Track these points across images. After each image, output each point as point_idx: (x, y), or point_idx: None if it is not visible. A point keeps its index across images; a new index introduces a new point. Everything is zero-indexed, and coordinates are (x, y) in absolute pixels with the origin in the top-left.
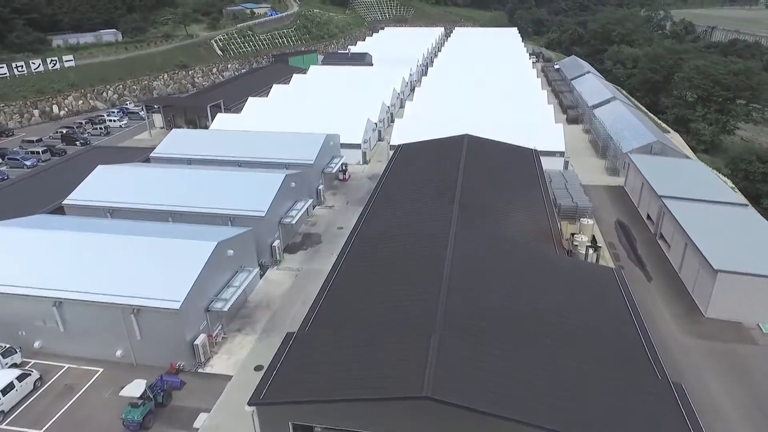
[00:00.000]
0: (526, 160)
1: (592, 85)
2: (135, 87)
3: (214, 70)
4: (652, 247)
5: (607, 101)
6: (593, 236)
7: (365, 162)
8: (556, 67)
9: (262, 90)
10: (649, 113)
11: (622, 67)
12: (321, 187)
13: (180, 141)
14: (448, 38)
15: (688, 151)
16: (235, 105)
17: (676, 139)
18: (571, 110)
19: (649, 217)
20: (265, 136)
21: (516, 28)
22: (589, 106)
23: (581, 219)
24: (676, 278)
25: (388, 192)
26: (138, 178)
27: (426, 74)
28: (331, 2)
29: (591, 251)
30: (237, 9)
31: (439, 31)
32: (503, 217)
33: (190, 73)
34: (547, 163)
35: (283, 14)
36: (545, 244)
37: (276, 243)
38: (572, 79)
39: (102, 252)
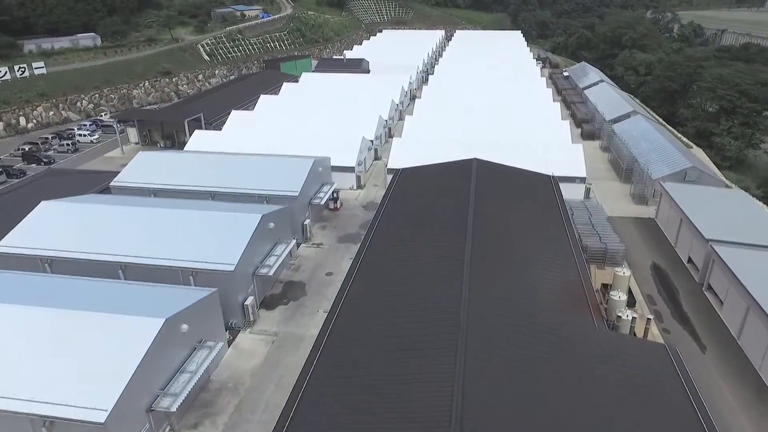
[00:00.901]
0: (544, 189)
1: (607, 96)
2: (113, 96)
3: (200, 76)
4: (699, 302)
5: (627, 115)
6: (629, 289)
7: (360, 186)
8: (566, 74)
9: (249, 100)
10: (668, 126)
11: (635, 74)
12: (307, 221)
13: (146, 166)
14: (450, 42)
15: (718, 171)
16: (217, 118)
17: (699, 155)
18: (586, 125)
19: (690, 260)
20: (244, 161)
21: (520, 31)
22: (607, 121)
23: (615, 268)
24: (734, 345)
25: (387, 229)
26: (85, 218)
27: (426, 81)
28: (327, 4)
29: (630, 311)
30: (226, 11)
31: (440, 34)
32: (524, 268)
33: (173, 80)
34: (565, 191)
35: (276, 16)
36: (578, 310)
37: (249, 300)
38: (584, 89)
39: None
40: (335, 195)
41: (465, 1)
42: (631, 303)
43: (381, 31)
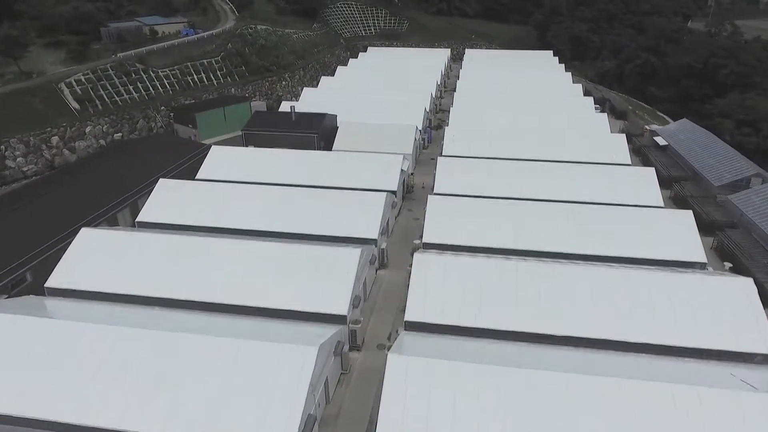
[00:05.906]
0: None
1: None
2: None
3: (55, 139)
4: None
5: None
6: None
7: None
8: (660, 141)
9: (68, 231)
10: None
11: (753, 133)
12: None
13: None
14: (460, 68)
15: None
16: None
17: None
18: None
19: None
20: None
21: (551, 52)
22: None
23: None
24: None
25: None
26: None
27: (429, 142)
28: (293, 12)
29: None
30: (129, 25)
31: (445, 55)
32: None
33: None
34: None
35: (206, 34)
36: None
37: None
38: (723, 188)
39: None
40: None
41: (474, 9)
42: None
43: (366, 50)
